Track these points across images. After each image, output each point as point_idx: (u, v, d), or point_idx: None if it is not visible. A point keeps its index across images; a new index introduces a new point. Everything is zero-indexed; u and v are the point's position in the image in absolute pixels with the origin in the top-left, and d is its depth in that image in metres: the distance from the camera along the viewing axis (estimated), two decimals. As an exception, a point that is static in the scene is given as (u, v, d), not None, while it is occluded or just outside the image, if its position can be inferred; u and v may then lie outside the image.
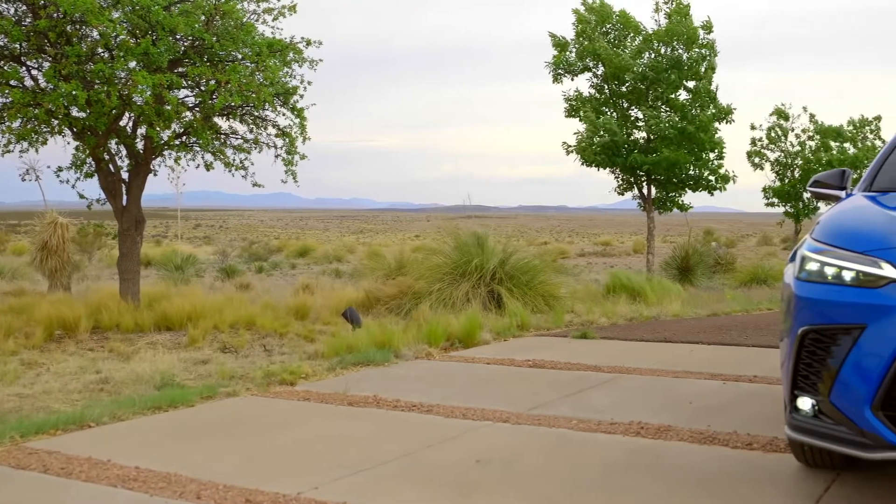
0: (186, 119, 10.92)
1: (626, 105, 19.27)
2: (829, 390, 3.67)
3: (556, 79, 19.23)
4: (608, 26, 19.18)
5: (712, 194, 18.76)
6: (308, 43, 11.63)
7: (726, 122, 18.77)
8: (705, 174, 18.68)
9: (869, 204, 4.41)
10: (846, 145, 24.98)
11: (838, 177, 5.21)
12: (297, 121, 11.61)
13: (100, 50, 10.34)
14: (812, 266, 3.89)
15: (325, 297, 12.90)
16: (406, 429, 5.50)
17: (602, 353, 8.35)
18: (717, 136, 18.54)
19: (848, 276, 3.71)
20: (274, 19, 11.45)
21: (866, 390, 3.51)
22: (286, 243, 42.51)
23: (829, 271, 3.79)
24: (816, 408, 3.78)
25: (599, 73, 19.12)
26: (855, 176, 7.06)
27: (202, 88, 10.73)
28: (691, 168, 18.46)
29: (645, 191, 19.15)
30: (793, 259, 4.20)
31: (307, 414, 5.96)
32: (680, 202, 19.07)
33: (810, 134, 25.49)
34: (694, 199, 19.87)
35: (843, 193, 5.07)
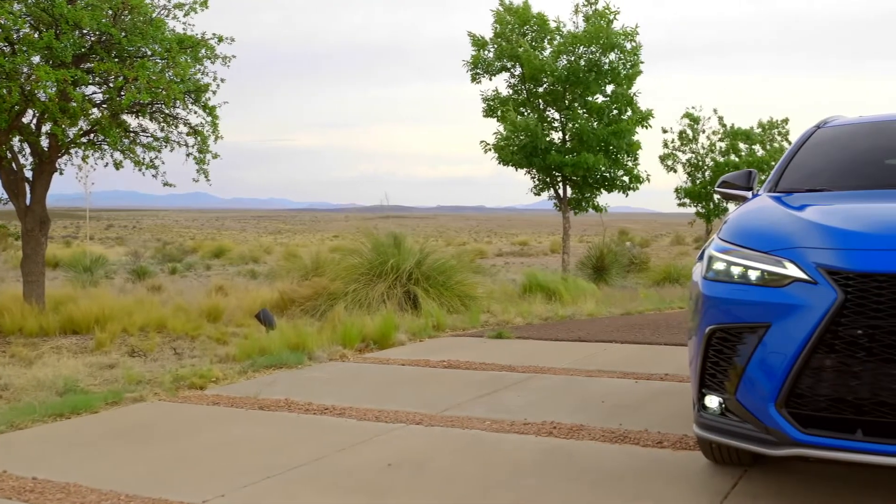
0: (93, 116, 10.60)
1: (543, 106, 19.40)
2: (736, 388, 3.71)
3: (475, 78, 19.29)
4: (526, 28, 19.29)
5: (626, 195, 19.04)
6: (220, 39, 11.41)
7: (645, 128, 19.06)
8: (620, 175, 18.93)
9: (774, 204, 4.47)
10: (755, 147, 25.59)
11: (745, 178, 5.30)
12: (209, 119, 11.37)
13: (0, 44, 9.98)
14: (719, 265, 3.93)
15: (239, 299, 12.70)
16: (318, 432, 5.41)
17: (517, 353, 8.36)
18: (634, 139, 18.80)
19: (753, 275, 3.75)
20: (185, 15, 11.22)
21: (771, 388, 3.54)
22: (201, 244, 41.80)
23: (736, 271, 3.83)
24: (724, 406, 3.82)
25: (517, 73, 19.22)
26: (764, 177, 7.21)
27: (110, 85, 10.44)
28: (606, 170, 18.68)
29: (561, 191, 19.32)
30: (701, 258, 4.24)
31: (216, 419, 5.82)
32: (595, 203, 19.30)
33: (720, 136, 26.05)
34: (609, 199, 20.15)
35: (749, 194, 5.15)
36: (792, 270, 3.60)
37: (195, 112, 11.47)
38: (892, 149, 5.52)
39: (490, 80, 19.36)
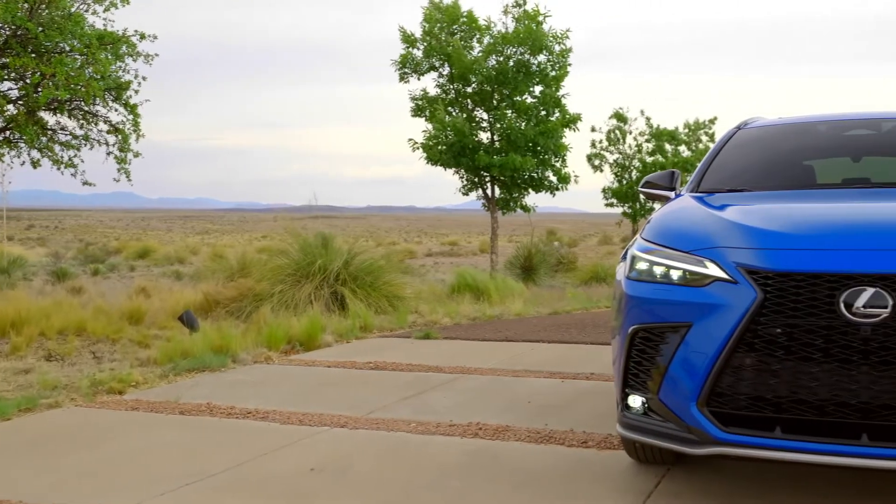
0: (9, 113, 10.29)
1: (471, 106, 19.42)
2: (659, 388, 3.72)
3: (403, 78, 19.22)
4: (455, 27, 19.28)
5: (554, 195, 19.16)
6: (142, 37, 11.19)
7: (573, 130, 19.18)
8: (548, 175, 19.03)
9: (696, 204, 4.50)
10: (680, 148, 26.01)
11: (668, 178, 5.34)
12: (131, 117, 11.13)
13: None
14: (641, 265, 3.93)
15: (162, 301, 12.43)
16: (240, 437, 5.29)
17: (444, 354, 8.33)
18: (562, 140, 18.92)
19: (675, 275, 3.76)
20: (105, 10, 10.98)
21: (693, 387, 3.56)
22: (126, 245, 40.97)
23: (658, 270, 3.84)
24: (646, 405, 3.82)
25: (446, 73, 19.20)
26: (688, 177, 7.28)
27: (26, 81, 10.15)
28: (534, 170, 18.77)
29: (489, 191, 19.37)
30: (624, 258, 4.24)
31: (135, 425, 5.65)
32: (523, 203, 19.39)
33: (647, 137, 26.42)
34: (538, 199, 20.28)
35: (672, 194, 5.19)
36: (713, 270, 3.62)
37: (116, 110, 11.23)
38: (810, 150, 5.62)
39: (418, 79, 19.33)
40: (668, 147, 26.09)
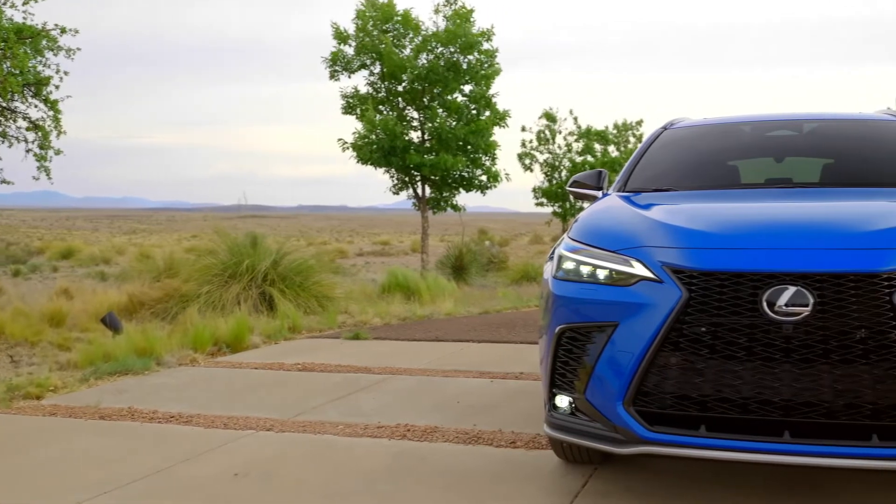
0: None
1: (402, 105, 19.36)
2: (585, 387, 3.71)
3: (333, 75, 19.09)
4: (389, 24, 19.19)
5: (484, 194, 19.20)
6: (63, 31, 10.90)
7: (502, 127, 19.25)
8: (478, 174, 19.07)
9: (622, 204, 4.51)
10: (610, 148, 26.29)
11: (595, 177, 5.36)
12: (51, 113, 10.82)
13: None
14: (568, 265, 3.92)
15: (85, 302, 12.12)
16: (162, 442, 5.16)
17: (374, 354, 8.26)
18: (492, 139, 18.97)
19: (602, 274, 3.76)
20: (24, 3, 10.63)
21: (619, 386, 3.55)
22: (49, 245, 39.97)
23: (585, 270, 3.83)
24: (573, 405, 3.81)
25: (377, 71, 19.11)
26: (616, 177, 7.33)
27: (-61, 75, 9.80)
28: (465, 169, 18.79)
29: (419, 191, 19.33)
30: (552, 258, 4.23)
31: (52, 431, 5.47)
32: (453, 202, 19.39)
33: (576, 137, 26.64)
34: (469, 199, 20.37)
35: (599, 193, 5.20)
36: (639, 269, 3.62)
37: (35, 106, 10.91)
38: (734, 150, 5.69)
39: (349, 77, 19.20)
40: (597, 147, 26.36)
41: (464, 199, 19.59)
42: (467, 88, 19.02)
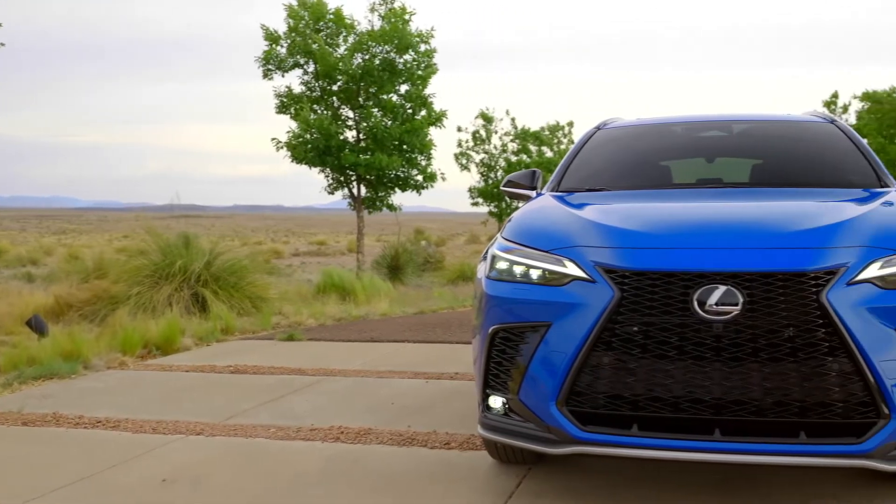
0: None
1: (337, 104, 19.23)
2: (519, 388, 3.69)
3: (266, 74, 18.88)
4: (321, 23, 19.03)
5: (420, 193, 19.18)
6: (-15, 25, 10.57)
7: (439, 128, 19.24)
8: (414, 174, 19.03)
9: (556, 203, 4.51)
10: (544, 148, 26.47)
11: (529, 177, 5.36)
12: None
13: None
14: (501, 265, 3.91)
15: (10, 305, 11.77)
16: (88, 448, 5.02)
17: (308, 356, 8.17)
18: (427, 139, 18.94)
19: (535, 274, 3.75)
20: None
21: (552, 387, 3.54)
22: (-27, 245, 38.88)
23: (518, 270, 3.82)
24: (507, 406, 3.79)
25: (311, 70, 18.95)
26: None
27: None
28: (400, 168, 18.74)
29: (355, 190, 19.22)
30: (485, 258, 4.21)
31: (-28, 437, 5.30)
32: (389, 202, 19.32)
33: (512, 137, 26.77)
34: (406, 198, 20.35)
35: (533, 193, 5.20)
36: (572, 269, 3.62)
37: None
38: (666, 150, 5.74)
39: (283, 76, 19.01)
40: (532, 147, 26.52)
41: (400, 198, 19.56)
42: (403, 88, 18.97)
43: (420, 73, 18.73)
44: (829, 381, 3.28)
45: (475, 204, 26.69)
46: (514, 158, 26.35)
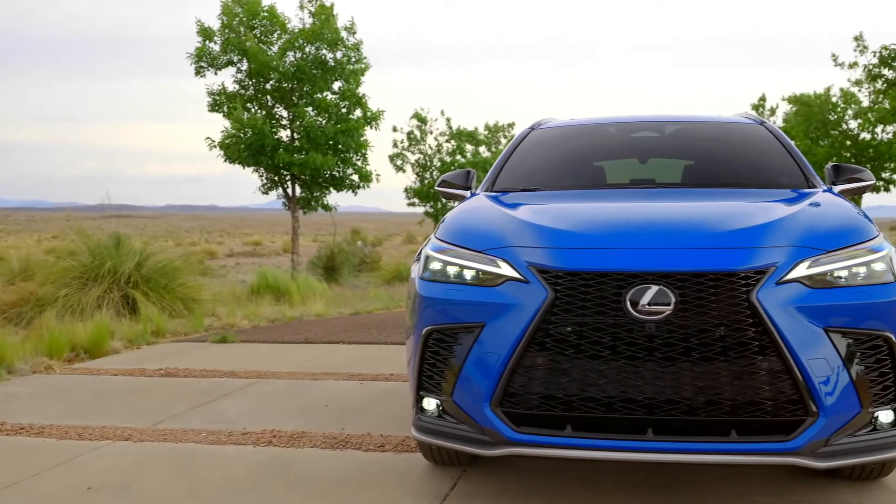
0: None
1: (271, 103, 19.02)
2: (453, 389, 3.66)
3: (199, 72, 18.59)
4: (255, 21, 18.80)
5: (356, 193, 19.07)
6: None
7: (375, 129, 19.13)
8: (349, 174, 18.91)
9: (490, 203, 4.49)
10: (480, 149, 26.54)
11: (464, 177, 5.34)
12: None
13: None
14: (435, 265, 3.87)
15: (-70, 308, 11.42)
16: (10, 455, 4.86)
17: (241, 358, 8.05)
18: (363, 138, 18.83)
19: (468, 275, 3.72)
20: None
21: (486, 388, 3.52)
22: None
23: (451, 270, 3.79)
24: (441, 407, 3.76)
25: (244, 68, 18.72)
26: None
27: None
28: (335, 168, 18.61)
29: (290, 190, 19.03)
30: (418, 258, 4.18)
31: None
32: (324, 202, 19.17)
33: (447, 137, 26.80)
34: (342, 199, 20.23)
35: (468, 193, 5.18)
36: (505, 269, 3.60)
37: None
38: (600, 150, 5.76)
39: (216, 73, 18.74)
40: (468, 147, 26.57)
41: (336, 198, 19.41)
42: (337, 86, 18.84)
43: (351, 67, 18.62)
44: (759, 379, 3.31)
45: (411, 204, 26.66)
46: (448, 159, 26.38)
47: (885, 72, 16.74)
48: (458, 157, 26.11)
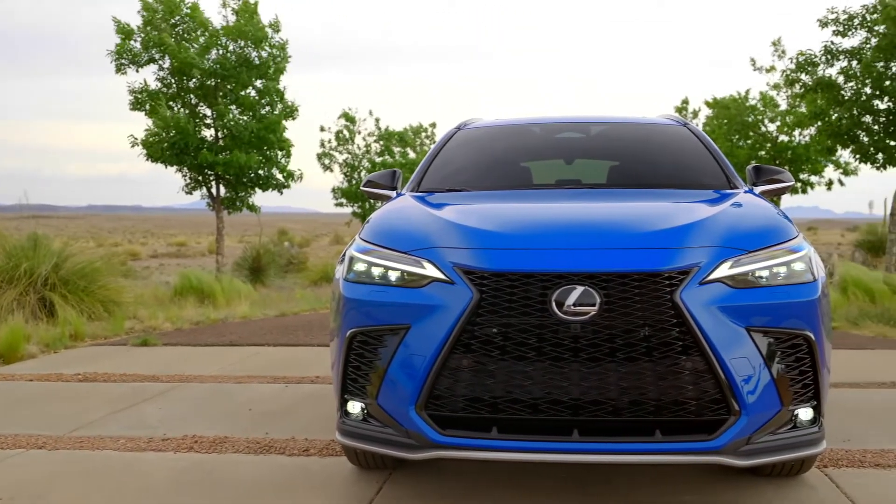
0: None
1: (195, 101, 18.70)
2: (377, 392, 3.61)
3: (120, 69, 18.15)
4: (177, 18, 18.44)
5: (282, 193, 18.83)
6: None
7: (292, 119, 18.91)
8: (274, 173, 18.68)
9: (415, 204, 4.45)
10: (407, 149, 26.50)
11: (389, 177, 5.29)
12: None
13: None
14: (359, 266, 3.81)
15: None
16: (-84, 466, 4.67)
17: (162, 362, 7.87)
18: (285, 134, 18.63)
19: (393, 276, 3.67)
20: None
21: (411, 390, 3.48)
22: None
23: (376, 272, 3.74)
24: (365, 411, 3.71)
25: (166, 66, 18.36)
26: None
27: None
28: (260, 168, 18.37)
29: (214, 190, 18.74)
30: (343, 259, 4.11)
31: None
32: (249, 202, 18.91)
33: (375, 137, 26.70)
34: (270, 199, 20.01)
35: (393, 193, 5.13)
36: (430, 270, 3.56)
37: None
38: (526, 151, 5.76)
39: (137, 71, 18.33)
40: (396, 148, 26.52)
41: (263, 198, 19.22)
42: (259, 83, 18.61)
43: (275, 65, 18.44)
44: (683, 379, 3.33)
45: (339, 204, 26.48)
46: (377, 159, 26.29)
47: (803, 77, 17.11)
48: (387, 157, 26.01)
